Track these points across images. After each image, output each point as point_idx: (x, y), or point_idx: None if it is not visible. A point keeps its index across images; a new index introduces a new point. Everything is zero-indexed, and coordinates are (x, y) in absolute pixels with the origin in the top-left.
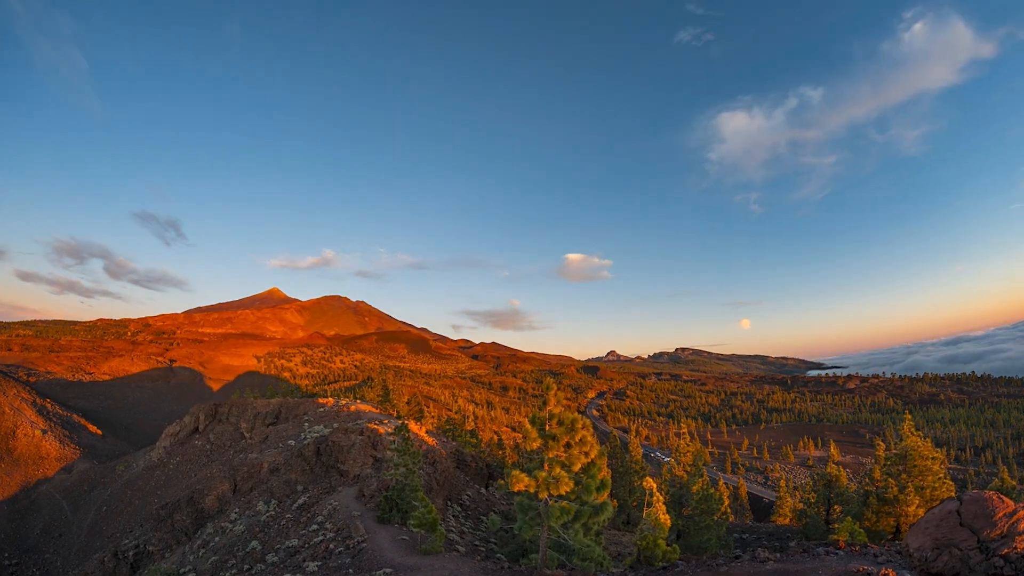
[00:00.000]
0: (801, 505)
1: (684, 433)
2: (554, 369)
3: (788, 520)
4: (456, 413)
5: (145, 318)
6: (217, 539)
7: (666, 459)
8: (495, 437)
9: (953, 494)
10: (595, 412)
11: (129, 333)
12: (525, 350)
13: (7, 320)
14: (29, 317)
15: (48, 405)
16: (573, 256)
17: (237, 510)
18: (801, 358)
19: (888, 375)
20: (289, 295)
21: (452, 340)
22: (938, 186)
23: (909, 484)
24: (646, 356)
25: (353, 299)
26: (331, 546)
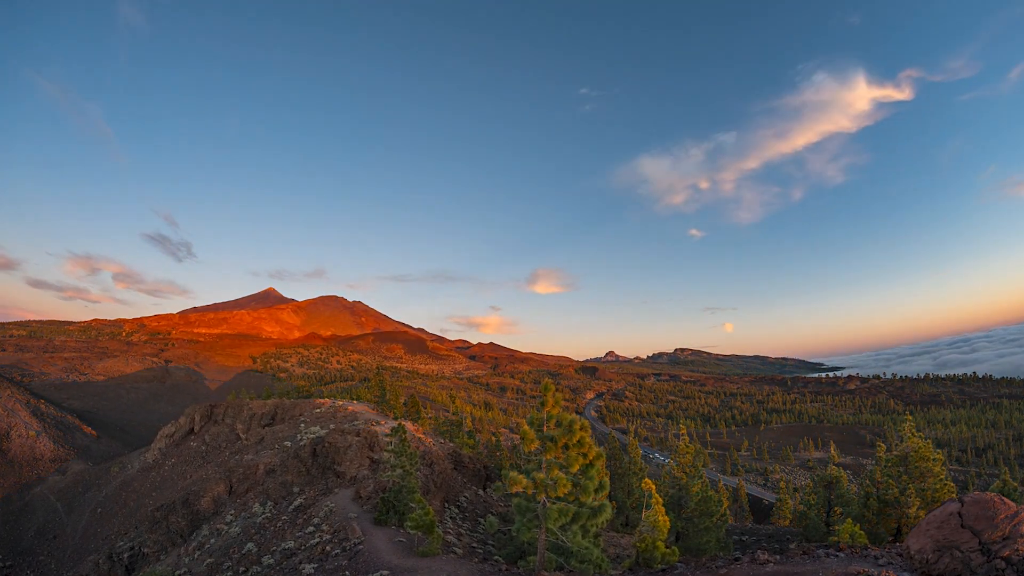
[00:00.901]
0: (801, 507)
1: (683, 434)
2: (552, 370)
3: (788, 522)
4: (454, 414)
5: (140, 318)
6: (212, 541)
7: (665, 460)
8: (493, 438)
9: (954, 496)
10: (593, 413)
11: (124, 334)
12: (523, 351)
13: (2, 320)
14: (26, 318)
15: (42, 406)
16: (542, 270)
17: (233, 512)
18: (801, 358)
19: (889, 375)
20: (285, 295)
21: (449, 340)
22: (861, 211)
23: (910, 486)
24: (645, 357)
25: (350, 299)
26: (327, 548)
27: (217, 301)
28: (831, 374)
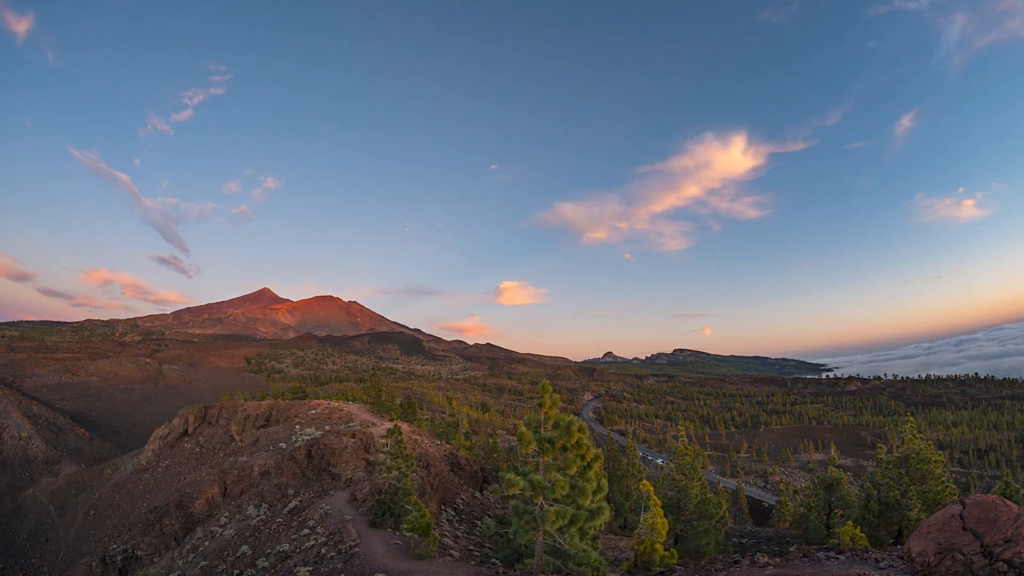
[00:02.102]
0: (801, 509)
1: (682, 436)
2: (550, 371)
3: (788, 524)
4: (450, 415)
5: (133, 319)
6: (207, 544)
7: (664, 462)
8: (490, 440)
9: (956, 498)
10: (592, 414)
11: (117, 334)
12: (520, 351)
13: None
14: (19, 318)
15: (35, 407)
16: (507, 284)
17: (227, 514)
18: (801, 359)
19: (891, 376)
20: (280, 295)
21: (446, 341)
22: (774, 246)
23: (911, 488)
24: (643, 357)
25: (345, 300)
26: (323, 551)
27: (212, 301)
28: (828, 374)
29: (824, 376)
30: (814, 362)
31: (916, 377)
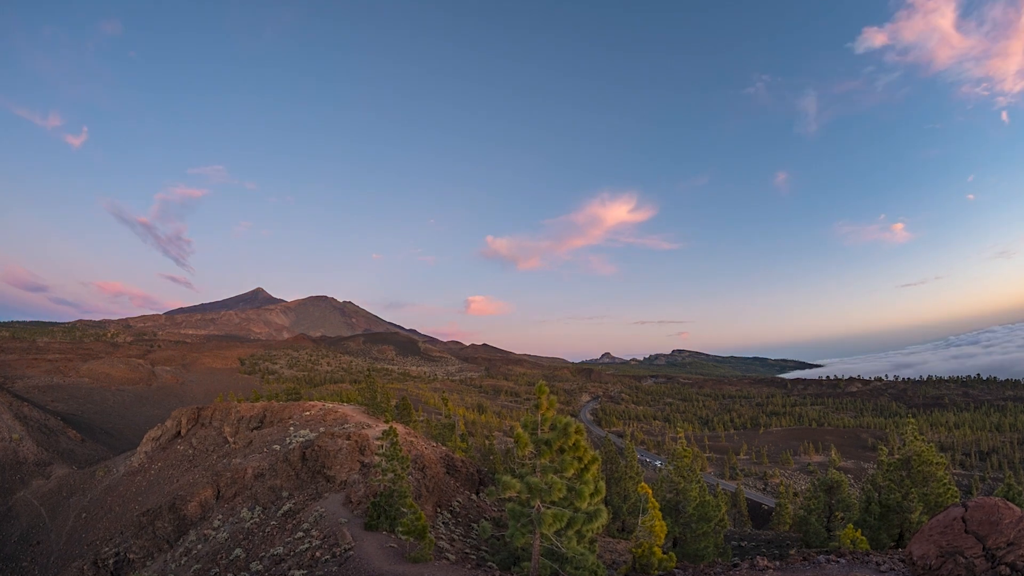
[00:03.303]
0: (801, 512)
1: (680, 437)
2: (547, 372)
3: (788, 527)
4: (446, 417)
5: (126, 319)
6: (200, 547)
7: (662, 464)
8: (486, 442)
9: (958, 501)
10: (589, 416)
11: (109, 335)
12: (517, 352)
13: None
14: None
15: (25, 409)
16: (476, 297)
17: (220, 517)
18: (802, 360)
19: (892, 377)
20: (274, 295)
21: (442, 342)
22: (694, 269)
23: (912, 490)
24: (642, 358)
25: (340, 300)
26: (317, 554)
27: (205, 301)
28: (828, 375)
29: (825, 377)
30: (814, 362)
31: (918, 378)
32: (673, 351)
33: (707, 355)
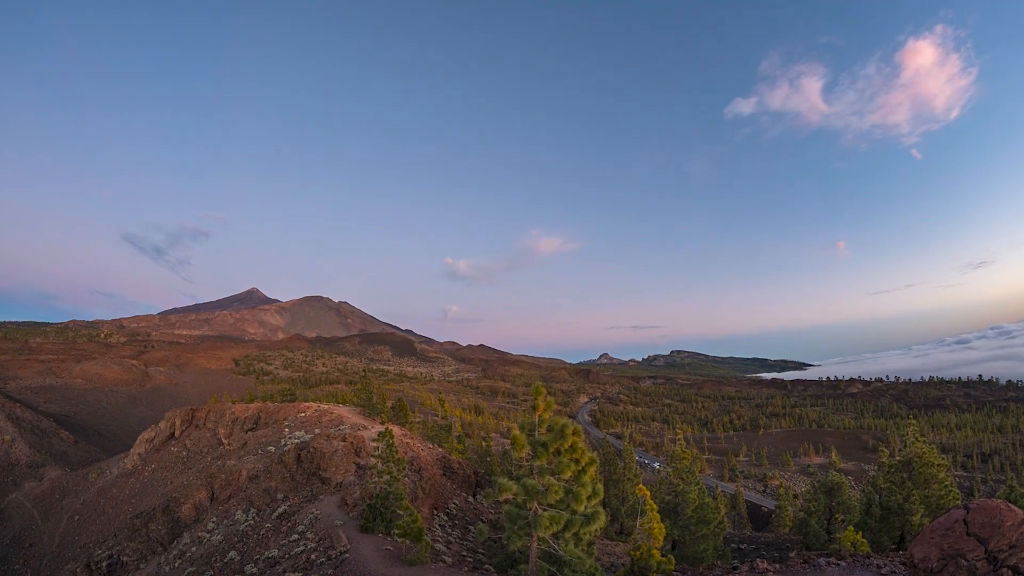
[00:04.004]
0: (801, 514)
1: (679, 439)
2: (544, 373)
3: (788, 529)
4: (442, 418)
5: (119, 319)
6: (194, 549)
7: (661, 466)
8: (483, 443)
9: (959, 502)
10: (587, 417)
11: (102, 335)
12: (514, 353)
13: None
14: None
15: (18, 410)
16: (452, 307)
17: (215, 519)
18: (802, 361)
19: (892, 378)
20: (269, 295)
21: (438, 342)
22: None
23: (914, 492)
24: (640, 359)
25: (336, 300)
26: (312, 556)
27: (199, 301)
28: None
29: (825, 379)
30: (813, 363)
31: (919, 379)
32: (672, 352)
33: (706, 356)
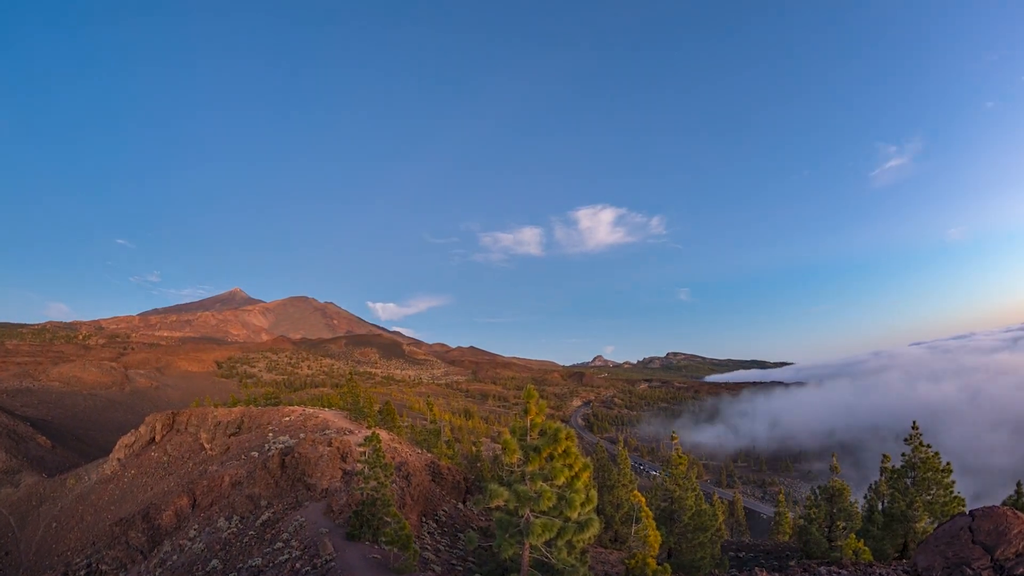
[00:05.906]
0: (802, 521)
1: (676, 444)
2: (536, 375)
3: (788, 537)
4: (431, 422)
5: (98, 320)
6: (175, 558)
7: (657, 472)
8: (473, 448)
9: (965, 509)
10: (581, 421)
11: (80, 337)
12: (505, 355)
13: None
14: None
15: None
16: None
17: (196, 527)
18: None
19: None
20: (252, 296)
21: (427, 344)
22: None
23: (917, 499)
24: (635, 361)
25: (321, 300)
26: (297, 565)
27: (180, 302)
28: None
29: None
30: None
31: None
32: (668, 354)
33: (703, 358)
